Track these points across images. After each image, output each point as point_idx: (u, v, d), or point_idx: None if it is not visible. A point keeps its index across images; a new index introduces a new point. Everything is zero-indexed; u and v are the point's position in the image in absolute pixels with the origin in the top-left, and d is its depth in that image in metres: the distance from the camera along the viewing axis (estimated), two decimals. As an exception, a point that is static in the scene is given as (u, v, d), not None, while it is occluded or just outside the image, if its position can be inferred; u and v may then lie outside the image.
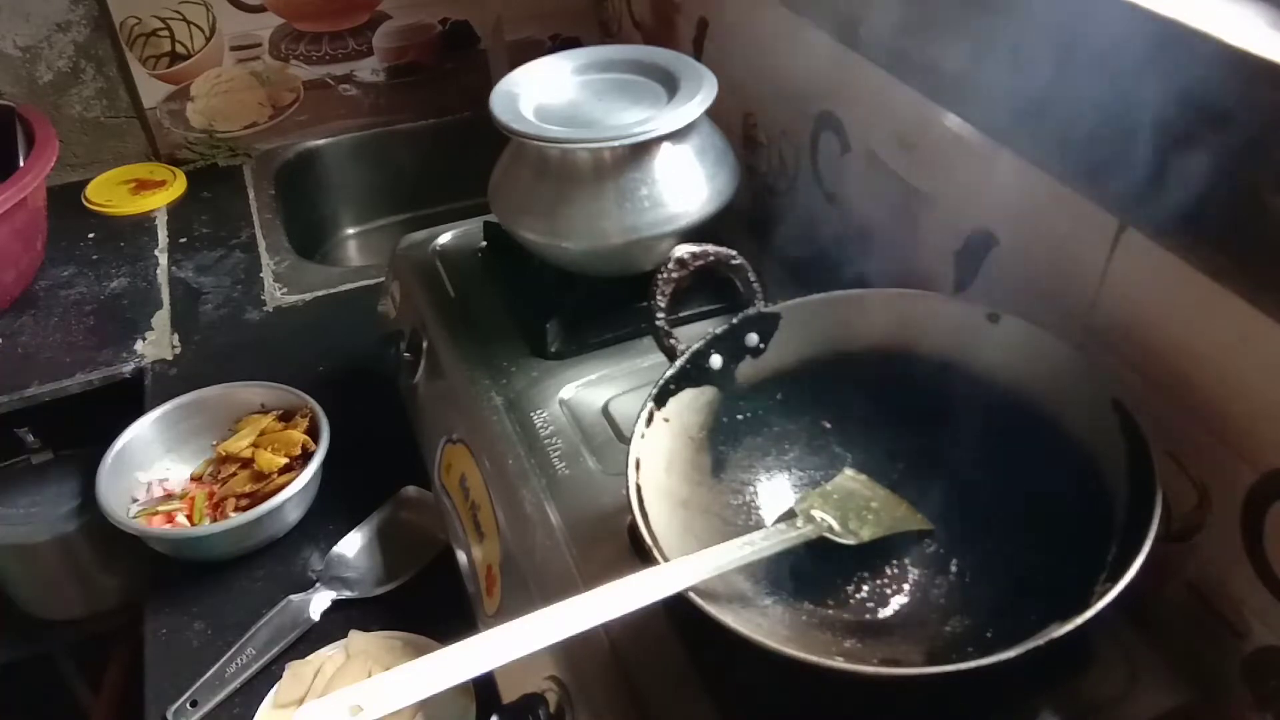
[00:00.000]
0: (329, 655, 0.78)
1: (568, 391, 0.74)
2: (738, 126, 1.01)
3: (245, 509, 0.85)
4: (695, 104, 0.75)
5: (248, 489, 0.89)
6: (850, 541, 0.58)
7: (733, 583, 0.57)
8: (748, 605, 0.56)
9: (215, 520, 0.86)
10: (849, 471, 0.64)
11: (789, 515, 0.60)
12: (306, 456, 0.89)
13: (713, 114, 0.77)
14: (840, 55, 0.80)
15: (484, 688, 0.73)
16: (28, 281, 1.15)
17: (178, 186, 1.34)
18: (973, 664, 0.44)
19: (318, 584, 0.84)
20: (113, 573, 1.10)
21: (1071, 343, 0.59)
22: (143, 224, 1.29)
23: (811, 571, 0.58)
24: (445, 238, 0.93)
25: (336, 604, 0.83)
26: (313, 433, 0.90)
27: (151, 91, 1.33)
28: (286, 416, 0.94)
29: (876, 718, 0.50)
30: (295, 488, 0.85)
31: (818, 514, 0.59)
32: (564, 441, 0.70)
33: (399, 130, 1.47)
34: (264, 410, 0.94)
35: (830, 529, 0.58)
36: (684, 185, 0.76)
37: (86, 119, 1.34)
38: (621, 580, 0.48)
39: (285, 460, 0.89)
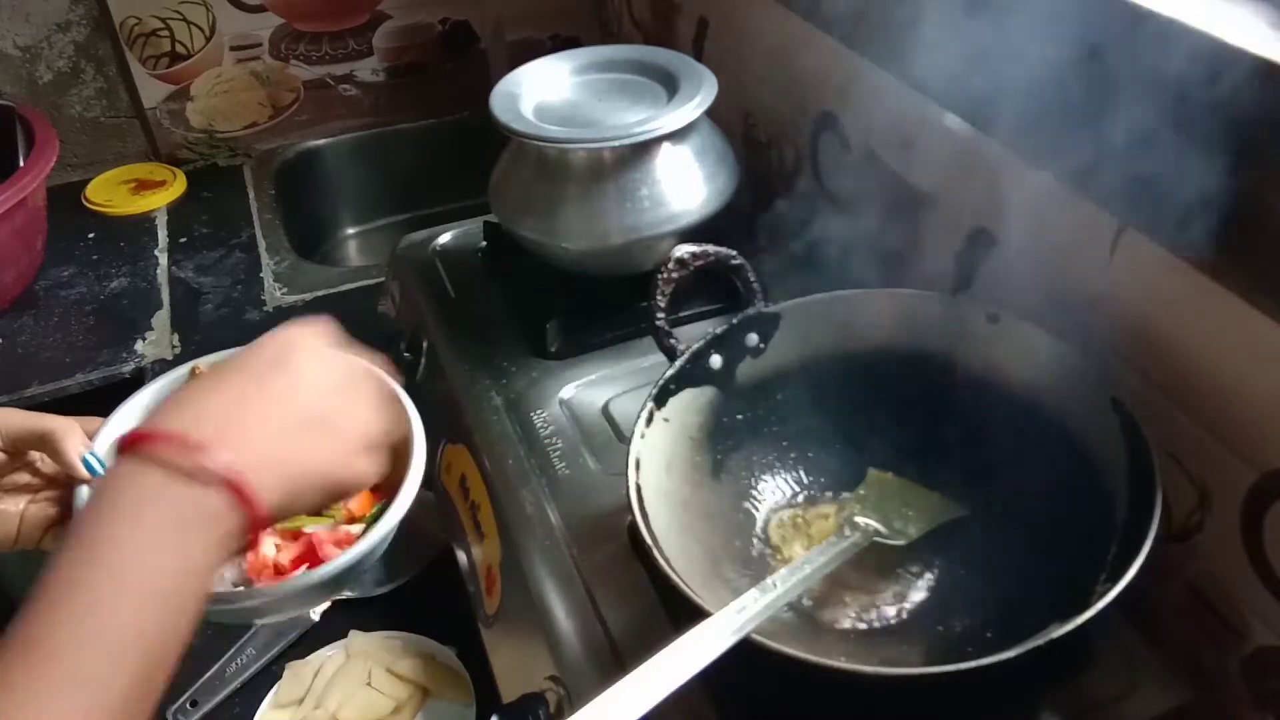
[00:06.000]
0: (329, 655, 0.78)
1: (568, 391, 0.74)
2: (738, 126, 1.01)
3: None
4: (695, 104, 0.75)
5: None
6: (901, 542, 0.58)
7: (733, 583, 0.57)
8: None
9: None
10: (874, 470, 0.64)
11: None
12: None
13: (713, 114, 0.77)
14: (840, 55, 0.80)
15: (484, 688, 0.73)
16: (28, 281, 1.15)
17: (178, 186, 1.34)
18: (973, 664, 0.44)
19: (318, 584, 0.84)
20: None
21: (1071, 343, 0.59)
22: (143, 224, 1.29)
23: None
24: (445, 238, 0.93)
25: (336, 604, 0.83)
26: None
27: (151, 91, 1.33)
28: None
29: (877, 718, 0.50)
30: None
31: (862, 520, 0.59)
32: (564, 441, 0.70)
33: (399, 130, 1.47)
34: None
35: (879, 533, 0.58)
36: (684, 185, 0.76)
37: (86, 119, 1.33)
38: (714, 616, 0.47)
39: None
